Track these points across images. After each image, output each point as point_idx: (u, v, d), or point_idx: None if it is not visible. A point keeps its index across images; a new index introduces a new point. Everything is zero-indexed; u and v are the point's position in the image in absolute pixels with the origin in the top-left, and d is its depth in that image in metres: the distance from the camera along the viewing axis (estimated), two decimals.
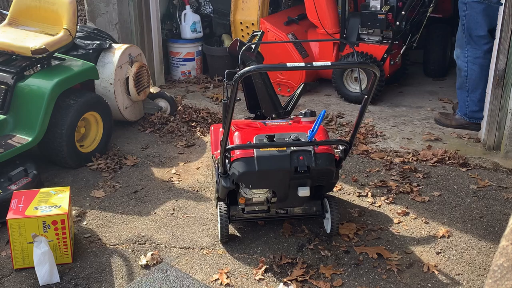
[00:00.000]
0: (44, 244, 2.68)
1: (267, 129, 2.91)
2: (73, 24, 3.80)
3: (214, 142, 3.27)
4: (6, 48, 3.67)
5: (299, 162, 2.68)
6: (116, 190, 3.56)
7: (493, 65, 3.91)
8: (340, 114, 4.72)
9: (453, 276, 2.78)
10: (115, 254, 2.94)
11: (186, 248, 2.99)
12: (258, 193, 2.86)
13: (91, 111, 3.88)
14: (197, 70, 5.71)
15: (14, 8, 3.96)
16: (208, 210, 3.33)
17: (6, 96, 3.59)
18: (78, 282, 2.73)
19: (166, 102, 4.63)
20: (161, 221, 3.23)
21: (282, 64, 2.44)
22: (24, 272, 2.79)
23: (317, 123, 2.67)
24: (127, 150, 4.10)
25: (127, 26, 5.04)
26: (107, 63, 4.19)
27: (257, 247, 2.98)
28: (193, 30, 5.53)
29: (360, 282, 2.73)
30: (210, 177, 3.70)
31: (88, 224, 3.20)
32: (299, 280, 2.72)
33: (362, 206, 3.37)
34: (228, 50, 3.57)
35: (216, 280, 2.74)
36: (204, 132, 4.39)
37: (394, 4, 4.76)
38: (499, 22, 3.78)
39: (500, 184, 3.59)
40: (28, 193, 2.95)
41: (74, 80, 3.78)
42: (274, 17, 5.35)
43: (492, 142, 4.00)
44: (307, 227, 3.15)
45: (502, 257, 0.99)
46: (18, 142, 3.47)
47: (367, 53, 4.83)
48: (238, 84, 2.34)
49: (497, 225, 3.17)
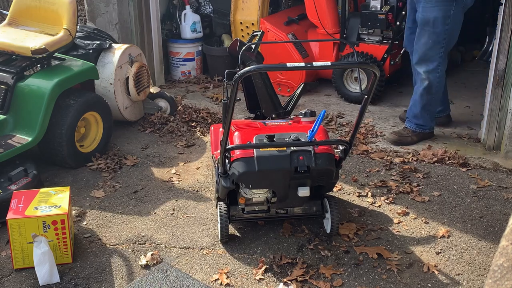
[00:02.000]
0: (44, 244, 2.68)
1: (267, 129, 2.91)
2: (73, 24, 3.80)
3: (214, 142, 3.27)
4: (6, 48, 3.67)
5: (299, 162, 2.68)
6: (116, 190, 3.56)
7: (493, 65, 3.91)
8: (340, 114, 4.72)
9: (453, 276, 2.78)
10: (115, 254, 2.94)
11: (186, 248, 2.99)
12: (258, 193, 2.86)
13: (91, 111, 3.88)
14: (197, 70, 5.71)
15: (14, 8, 3.96)
16: (208, 210, 3.33)
17: (6, 96, 3.59)
18: (78, 282, 2.73)
19: (166, 102, 4.63)
20: (161, 221, 3.23)
21: (282, 64, 2.44)
22: (24, 272, 2.79)
23: (317, 123, 2.67)
24: (127, 150, 4.10)
25: (127, 26, 5.04)
26: (107, 63, 4.19)
27: (257, 247, 2.98)
28: (193, 30, 5.53)
29: (360, 282, 2.73)
30: (210, 177, 3.70)
31: (88, 224, 3.20)
32: (299, 280, 2.72)
33: (362, 206, 3.37)
34: (228, 50, 3.57)
35: (216, 280, 2.74)
36: (204, 132, 4.39)
37: (394, 4, 4.76)
38: (499, 22, 3.78)
39: (500, 184, 3.59)
40: (28, 193, 2.95)
41: (74, 80, 3.78)
42: (274, 17, 5.35)
43: (492, 142, 4.00)
44: (307, 227, 3.15)
45: (502, 257, 0.99)
46: (18, 142, 3.47)
47: (367, 53, 4.83)
48: (238, 84, 2.34)
49: (497, 225, 3.17)
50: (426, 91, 3.97)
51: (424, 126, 4.13)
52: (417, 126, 4.12)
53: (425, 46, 3.85)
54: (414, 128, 4.13)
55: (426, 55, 3.88)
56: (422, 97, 3.99)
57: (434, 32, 3.79)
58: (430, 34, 3.80)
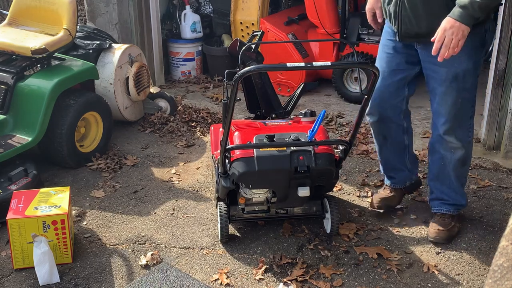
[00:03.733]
0: (44, 244, 2.68)
1: (267, 129, 2.91)
2: (73, 24, 3.80)
3: (214, 142, 3.27)
4: (6, 48, 3.67)
5: (299, 162, 2.68)
6: (116, 190, 3.56)
7: (493, 65, 3.91)
8: (340, 114, 4.72)
9: (453, 276, 2.78)
10: (115, 254, 2.94)
11: (186, 248, 2.99)
12: (258, 193, 2.86)
13: (91, 111, 3.88)
14: (197, 70, 5.71)
15: (14, 8, 3.96)
16: (208, 210, 3.33)
17: (6, 96, 3.59)
18: (78, 282, 2.73)
19: (166, 102, 4.63)
20: (161, 221, 3.23)
21: (282, 64, 2.44)
22: (24, 272, 2.79)
23: (317, 123, 2.67)
24: (127, 150, 4.10)
25: (127, 26, 5.04)
26: (107, 63, 4.19)
27: (257, 247, 2.98)
28: (193, 30, 5.53)
29: (360, 282, 2.73)
30: (210, 177, 3.70)
31: (88, 224, 3.20)
32: (299, 280, 2.72)
33: (362, 206, 3.37)
34: (228, 50, 3.57)
35: (216, 280, 2.74)
36: (204, 132, 4.39)
37: None
38: (499, 22, 3.78)
39: (500, 184, 3.59)
40: (28, 193, 2.95)
41: (74, 80, 3.78)
42: (274, 17, 5.35)
43: (492, 142, 4.00)
44: (307, 227, 3.15)
45: (502, 257, 0.99)
46: (18, 142, 3.47)
47: (367, 53, 4.83)
48: (238, 84, 2.34)
49: (497, 225, 3.17)
50: (461, 163, 2.98)
51: (463, 204, 3.13)
52: (455, 207, 3.10)
53: (455, 108, 2.86)
54: (453, 211, 3.10)
55: (457, 119, 2.88)
56: (456, 170, 3.00)
57: (464, 88, 2.82)
58: (460, 91, 2.83)
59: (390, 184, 3.29)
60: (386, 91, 3.00)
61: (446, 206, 3.08)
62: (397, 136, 3.14)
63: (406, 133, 3.16)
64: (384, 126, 3.11)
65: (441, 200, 3.09)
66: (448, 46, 2.54)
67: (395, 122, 3.09)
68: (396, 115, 3.07)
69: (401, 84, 3.02)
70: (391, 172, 3.27)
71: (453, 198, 3.06)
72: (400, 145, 3.17)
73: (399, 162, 3.23)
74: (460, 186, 3.07)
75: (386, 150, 3.21)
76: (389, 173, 3.28)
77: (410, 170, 3.26)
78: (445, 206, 3.08)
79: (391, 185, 3.28)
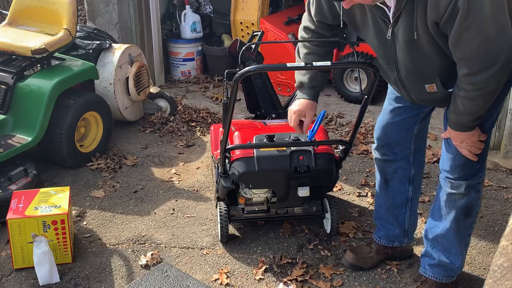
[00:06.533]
0: (44, 244, 2.68)
1: (267, 129, 2.92)
2: (73, 24, 3.81)
3: (214, 142, 3.27)
4: (6, 48, 3.67)
5: (299, 162, 2.69)
6: (116, 190, 3.56)
7: None
8: (340, 114, 4.72)
9: None
10: (115, 254, 2.94)
11: (186, 248, 2.99)
12: (258, 193, 2.86)
13: (91, 111, 3.88)
14: (197, 70, 5.71)
15: (14, 8, 3.96)
16: (208, 210, 3.33)
17: (6, 96, 3.59)
18: (78, 282, 2.73)
19: (166, 102, 4.63)
20: (161, 221, 3.23)
21: (282, 64, 2.44)
22: (24, 272, 2.79)
23: (317, 123, 2.67)
24: (127, 150, 4.10)
25: (127, 26, 5.04)
26: (107, 63, 4.19)
27: (257, 247, 2.99)
28: (193, 30, 5.54)
29: (360, 282, 2.73)
30: (210, 177, 3.70)
31: (88, 224, 3.20)
32: (299, 280, 2.72)
33: (362, 206, 3.37)
34: (228, 50, 3.57)
35: (216, 280, 2.74)
36: (204, 132, 4.39)
37: None
38: None
39: (500, 184, 3.59)
40: (28, 193, 2.95)
41: (74, 80, 3.78)
42: (274, 17, 5.35)
43: (492, 142, 4.00)
44: (307, 227, 3.15)
45: (502, 257, 0.99)
46: (18, 142, 3.47)
47: (367, 53, 4.83)
48: (238, 84, 2.34)
49: (497, 225, 3.17)
50: (465, 214, 2.42)
51: (456, 270, 2.57)
52: (446, 272, 2.55)
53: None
54: (441, 278, 2.57)
55: (465, 162, 2.33)
56: (458, 223, 2.44)
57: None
58: None
59: (376, 238, 2.83)
60: (393, 127, 2.58)
61: (432, 269, 2.59)
62: (400, 184, 2.68)
63: (411, 183, 2.68)
64: (388, 166, 2.66)
65: (427, 260, 2.60)
66: (474, 153, 2.25)
67: (401, 167, 2.64)
68: (404, 156, 2.62)
69: (412, 121, 2.56)
70: (379, 220, 2.80)
71: (446, 255, 2.54)
72: (401, 196, 2.70)
73: (392, 216, 2.73)
74: (460, 245, 2.53)
75: (383, 196, 2.73)
76: (377, 221, 2.82)
77: (405, 232, 2.77)
78: (431, 269, 2.60)
79: (376, 239, 2.83)
